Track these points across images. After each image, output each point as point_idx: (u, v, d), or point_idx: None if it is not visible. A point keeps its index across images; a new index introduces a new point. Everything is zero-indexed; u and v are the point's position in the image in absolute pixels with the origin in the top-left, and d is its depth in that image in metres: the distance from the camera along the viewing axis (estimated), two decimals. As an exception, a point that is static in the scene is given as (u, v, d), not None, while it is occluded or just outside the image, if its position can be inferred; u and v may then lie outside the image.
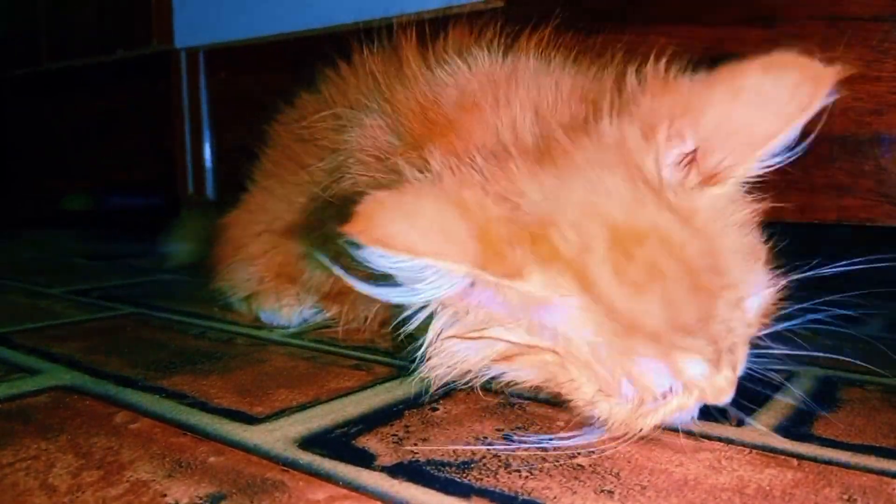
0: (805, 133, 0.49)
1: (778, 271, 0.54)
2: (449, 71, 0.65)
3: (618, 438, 0.50)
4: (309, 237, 0.81)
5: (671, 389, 0.49)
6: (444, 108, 0.62)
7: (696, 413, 0.52)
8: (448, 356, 0.53)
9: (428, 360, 0.54)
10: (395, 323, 0.69)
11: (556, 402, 0.59)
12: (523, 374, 0.52)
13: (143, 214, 2.00)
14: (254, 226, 0.90)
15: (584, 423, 0.52)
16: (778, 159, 0.50)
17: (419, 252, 0.44)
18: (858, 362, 0.64)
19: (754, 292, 0.50)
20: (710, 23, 0.90)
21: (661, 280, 0.46)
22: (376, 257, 0.45)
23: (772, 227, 0.59)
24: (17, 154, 2.05)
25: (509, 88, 0.60)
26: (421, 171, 0.54)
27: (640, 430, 0.50)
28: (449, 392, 0.62)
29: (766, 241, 0.54)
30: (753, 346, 0.54)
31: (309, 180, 0.82)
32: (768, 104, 0.48)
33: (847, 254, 0.61)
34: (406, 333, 0.57)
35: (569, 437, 0.51)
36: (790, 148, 0.50)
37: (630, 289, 0.46)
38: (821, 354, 0.64)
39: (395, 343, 0.77)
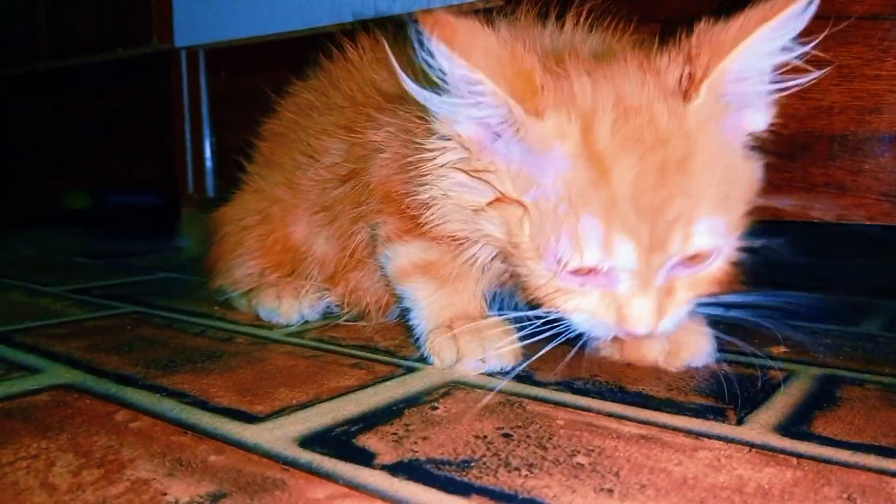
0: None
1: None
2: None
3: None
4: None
5: (592, 272, 0.56)
6: None
7: (609, 334, 0.59)
8: (447, 187, 0.61)
9: (430, 186, 0.62)
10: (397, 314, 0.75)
11: (556, 402, 0.59)
12: (493, 229, 0.60)
13: (143, 213, 2.00)
14: (249, 217, 0.90)
15: None
16: (767, 94, 0.57)
17: (476, 64, 0.52)
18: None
19: (706, 224, 0.55)
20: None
21: (640, 144, 0.53)
22: (439, 55, 0.51)
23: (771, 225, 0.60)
24: (17, 153, 2.05)
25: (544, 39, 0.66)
26: None
27: (552, 306, 0.59)
28: (449, 391, 0.62)
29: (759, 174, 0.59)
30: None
31: (311, 156, 0.84)
32: (747, 18, 0.54)
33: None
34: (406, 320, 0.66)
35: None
36: (771, 75, 0.56)
37: (617, 143, 0.53)
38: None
39: (395, 339, 0.77)
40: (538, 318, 0.62)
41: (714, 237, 0.56)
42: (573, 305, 0.59)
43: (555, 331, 0.61)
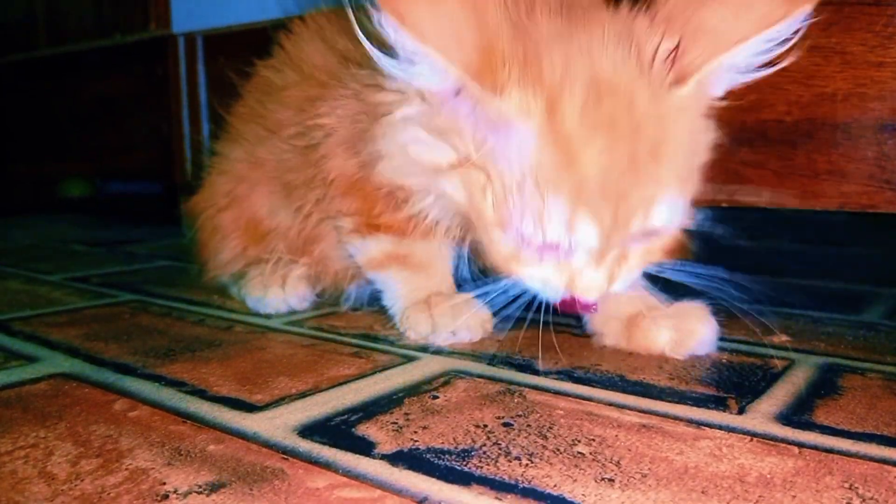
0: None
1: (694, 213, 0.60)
2: None
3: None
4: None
5: (552, 247, 0.56)
6: None
7: (558, 299, 0.59)
8: (405, 142, 0.60)
9: (385, 138, 0.61)
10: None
11: (557, 391, 0.59)
12: (453, 191, 0.59)
13: (141, 201, 2.00)
14: (220, 199, 0.90)
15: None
16: (745, 76, 0.56)
17: (425, 40, 0.49)
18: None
19: (667, 203, 0.56)
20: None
21: (611, 131, 0.51)
22: (389, 28, 0.50)
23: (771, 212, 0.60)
24: (15, 140, 2.04)
25: None
26: None
27: (508, 272, 0.59)
28: (449, 380, 0.62)
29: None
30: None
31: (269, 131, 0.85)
32: (748, 13, 0.53)
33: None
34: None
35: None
36: (749, 71, 0.56)
37: (586, 127, 0.52)
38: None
39: (395, 328, 0.77)
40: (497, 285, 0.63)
41: (673, 214, 0.57)
42: (528, 273, 0.60)
43: (514, 296, 0.63)
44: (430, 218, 0.67)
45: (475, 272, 0.77)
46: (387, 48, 0.54)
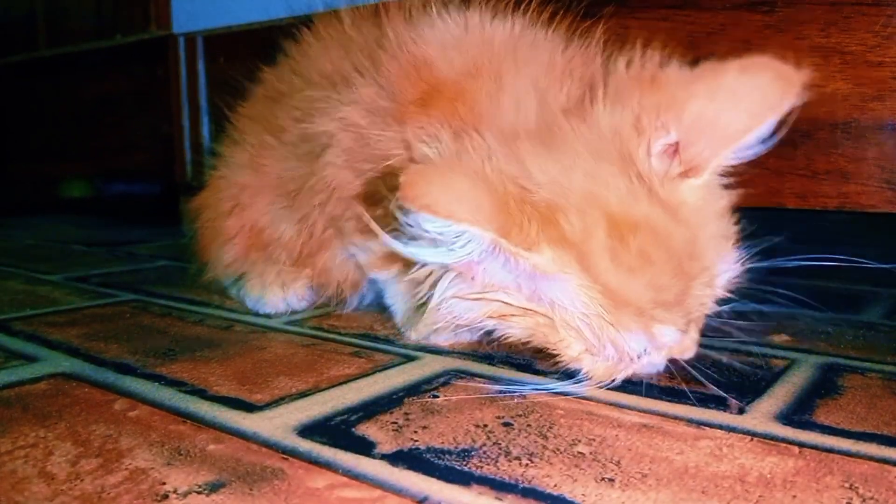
0: (778, 126, 0.54)
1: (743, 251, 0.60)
2: (442, 29, 0.67)
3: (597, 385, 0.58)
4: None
5: (646, 351, 0.57)
6: (443, 73, 0.65)
7: (662, 367, 0.60)
8: (448, 312, 0.60)
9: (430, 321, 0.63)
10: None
11: (557, 392, 0.59)
12: (515, 331, 0.59)
13: (140, 201, 2.00)
14: (222, 203, 0.90)
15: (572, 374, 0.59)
16: (751, 152, 0.56)
17: (459, 218, 0.50)
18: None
19: (724, 270, 0.57)
20: (711, 8, 0.89)
21: (650, 266, 0.52)
22: (423, 221, 0.51)
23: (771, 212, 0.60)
24: (15, 140, 2.05)
25: (507, 58, 0.64)
26: (428, 145, 0.61)
27: (615, 380, 0.58)
28: (449, 380, 0.62)
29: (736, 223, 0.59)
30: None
31: (276, 143, 0.84)
32: (743, 102, 0.53)
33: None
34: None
35: (560, 385, 0.58)
36: (763, 141, 0.55)
37: (623, 272, 0.53)
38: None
39: (395, 328, 0.77)
40: None
41: (727, 270, 0.58)
42: (629, 370, 0.59)
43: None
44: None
45: None
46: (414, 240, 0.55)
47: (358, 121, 0.69)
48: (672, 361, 0.60)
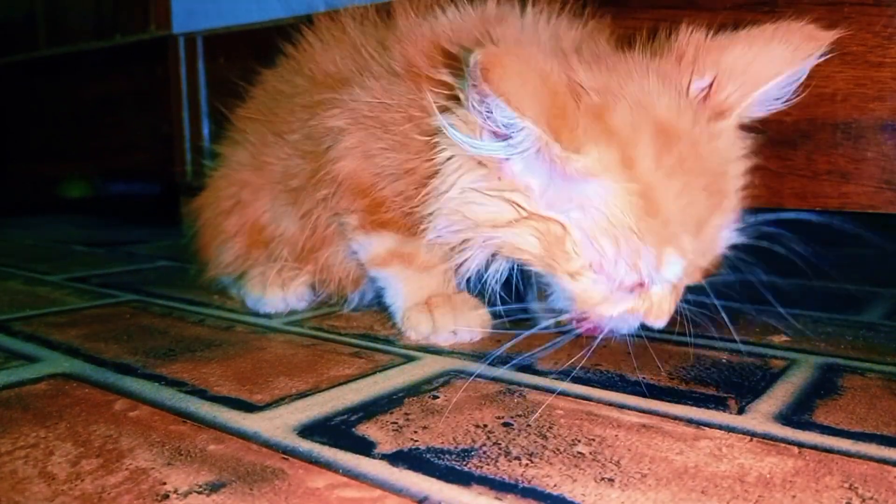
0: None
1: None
2: (455, 15, 0.70)
3: (581, 320, 0.62)
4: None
5: (641, 284, 0.58)
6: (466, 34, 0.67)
7: (632, 330, 0.62)
8: (458, 209, 0.61)
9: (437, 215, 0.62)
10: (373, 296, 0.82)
11: (557, 391, 0.59)
12: (521, 240, 0.60)
13: (140, 201, 2.00)
14: (223, 202, 0.90)
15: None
16: (773, 105, 0.60)
17: (523, 114, 0.51)
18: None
19: (728, 228, 0.59)
20: (712, 7, 0.89)
21: (686, 174, 0.54)
22: (495, 106, 0.52)
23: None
24: (15, 140, 2.04)
25: (526, 33, 0.67)
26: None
27: (599, 315, 0.60)
28: (449, 381, 0.62)
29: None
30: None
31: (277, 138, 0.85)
32: (773, 53, 0.58)
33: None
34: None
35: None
36: (784, 99, 0.60)
37: (663, 173, 0.54)
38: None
39: (394, 328, 0.77)
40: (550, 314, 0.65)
41: (731, 236, 0.60)
42: (612, 310, 0.60)
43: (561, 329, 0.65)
44: (468, 266, 0.66)
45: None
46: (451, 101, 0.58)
47: (368, 112, 0.70)
48: (673, 361, 0.60)
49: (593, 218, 0.56)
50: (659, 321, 0.61)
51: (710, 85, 0.58)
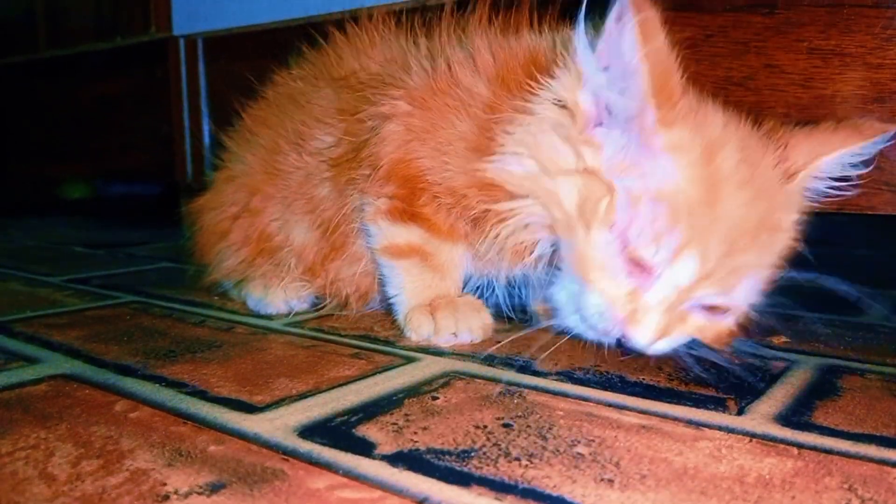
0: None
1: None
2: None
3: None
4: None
5: (643, 269, 0.58)
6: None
7: (613, 340, 0.61)
8: (535, 144, 0.63)
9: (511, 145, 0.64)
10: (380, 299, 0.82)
11: (556, 391, 0.59)
12: (564, 193, 0.61)
13: (141, 202, 2.00)
14: (229, 207, 0.90)
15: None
16: (833, 187, 0.65)
17: (645, 48, 0.55)
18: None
19: (753, 282, 0.61)
20: (712, 10, 0.89)
21: (753, 195, 0.58)
22: (629, 36, 0.55)
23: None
24: (15, 141, 2.05)
25: None
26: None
27: (583, 276, 0.61)
28: (449, 381, 0.62)
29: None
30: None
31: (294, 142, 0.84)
32: (840, 134, 0.64)
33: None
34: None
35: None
36: (844, 183, 0.65)
37: (734, 182, 0.58)
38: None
39: (394, 329, 0.77)
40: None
41: (746, 298, 0.62)
42: (602, 286, 0.60)
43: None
44: (509, 226, 0.67)
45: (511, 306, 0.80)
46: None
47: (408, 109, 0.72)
48: (672, 362, 0.61)
49: (647, 186, 0.58)
50: (636, 334, 0.59)
51: (785, 146, 0.63)
